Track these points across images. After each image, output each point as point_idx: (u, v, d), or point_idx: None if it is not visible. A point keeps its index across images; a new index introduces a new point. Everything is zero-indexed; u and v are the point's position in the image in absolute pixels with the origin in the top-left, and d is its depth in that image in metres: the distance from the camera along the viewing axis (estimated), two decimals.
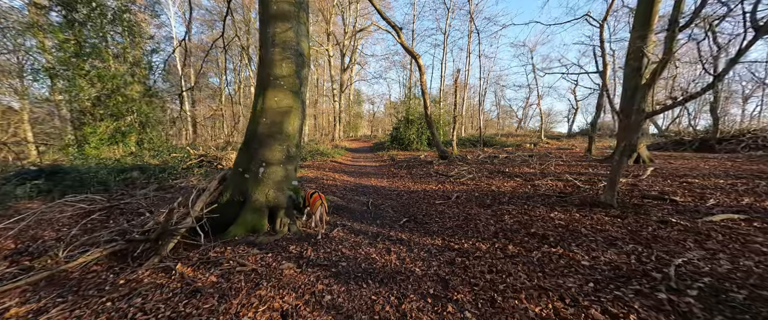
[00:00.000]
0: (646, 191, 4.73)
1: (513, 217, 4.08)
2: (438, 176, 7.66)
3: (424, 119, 17.33)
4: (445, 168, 8.84)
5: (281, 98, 3.71)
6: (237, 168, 3.79)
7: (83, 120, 12.56)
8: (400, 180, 7.64)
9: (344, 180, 7.83)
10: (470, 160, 9.78)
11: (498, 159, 9.69)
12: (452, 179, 7.02)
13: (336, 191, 6.20)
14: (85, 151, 11.81)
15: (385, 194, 6.12)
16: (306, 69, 4.02)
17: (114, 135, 13.14)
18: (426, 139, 17.02)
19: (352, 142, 27.91)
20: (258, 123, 3.71)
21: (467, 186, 6.20)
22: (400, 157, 13.49)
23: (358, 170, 10.16)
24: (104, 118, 12.94)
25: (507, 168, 7.99)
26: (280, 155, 3.73)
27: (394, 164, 11.14)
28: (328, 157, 14.26)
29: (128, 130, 13.37)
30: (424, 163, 10.01)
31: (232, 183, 3.74)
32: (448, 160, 9.77)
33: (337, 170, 9.89)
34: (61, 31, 11.77)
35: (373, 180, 7.86)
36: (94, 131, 12.47)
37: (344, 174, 8.90)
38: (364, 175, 8.85)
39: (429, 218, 4.37)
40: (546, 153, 11.40)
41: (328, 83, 33.91)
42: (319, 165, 11.03)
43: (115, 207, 4.96)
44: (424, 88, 9.79)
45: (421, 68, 9.75)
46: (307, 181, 7.18)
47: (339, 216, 4.45)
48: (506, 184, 6.06)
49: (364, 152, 18.13)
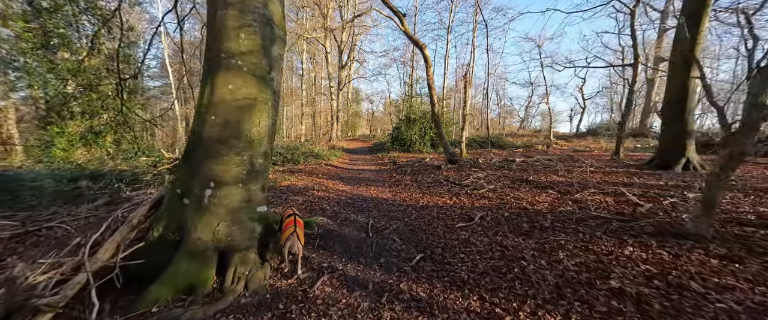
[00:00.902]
0: (740, 215, 3.55)
1: (572, 256, 2.89)
2: (450, 185, 6.46)
3: (427, 118, 16.14)
4: (455, 174, 7.64)
5: (239, 86, 2.50)
6: (174, 189, 2.58)
7: (50, 118, 11.27)
8: (406, 190, 6.44)
9: (339, 190, 6.62)
10: (483, 165, 8.59)
11: (515, 163, 8.51)
12: (468, 190, 5.83)
13: (327, 207, 4.99)
14: (52, 153, 10.53)
15: (389, 210, 4.92)
16: (279, 45, 2.81)
17: (85, 135, 11.84)
18: (429, 140, 15.83)
19: (351, 142, 26.70)
20: (204, 122, 2.50)
21: (490, 201, 5.01)
22: (402, 159, 12.29)
23: (356, 176, 8.95)
24: (74, 117, 11.64)
25: (530, 175, 6.81)
26: (238, 170, 2.53)
27: (397, 168, 9.94)
28: (323, 159, 13.05)
29: (103, 129, 12.12)
30: (430, 168, 8.81)
31: (166, 213, 2.53)
32: (458, 165, 8.58)
33: (331, 176, 8.68)
34: (23, 20, 10.47)
35: (372, 190, 6.65)
36: (62, 131, 11.16)
37: (340, 182, 7.69)
38: (363, 183, 7.65)
39: (451, 253, 3.17)
40: (565, 155, 10.23)
41: (326, 81, 32.68)
42: (312, 170, 9.82)
43: (33, 233, 3.75)
44: (431, 83, 8.58)
45: (427, 60, 8.54)
46: (294, 193, 5.97)
47: (327, 252, 3.24)
48: (539, 199, 4.87)
49: (362, 153, 16.92)
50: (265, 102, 2.68)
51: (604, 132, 24.56)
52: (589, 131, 26.61)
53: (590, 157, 9.99)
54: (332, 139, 25.19)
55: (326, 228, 3.93)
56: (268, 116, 2.75)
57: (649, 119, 21.90)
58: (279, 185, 6.75)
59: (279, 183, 6.89)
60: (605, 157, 9.75)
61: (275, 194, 5.78)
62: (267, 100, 2.71)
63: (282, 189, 6.24)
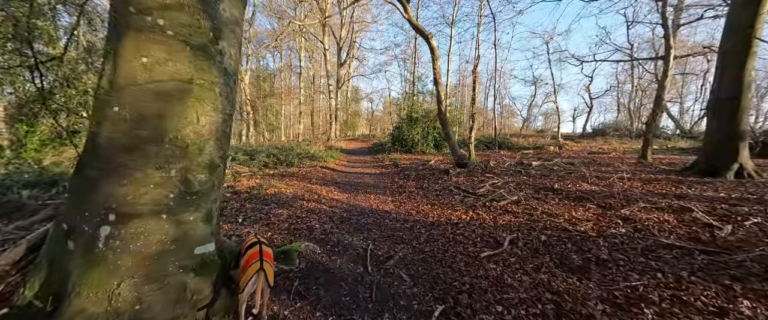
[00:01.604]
0: None
1: (663, 316, 1.96)
2: (462, 194, 5.54)
3: (430, 117, 15.23)
4: (466, 180, 6.72)
5: (160, 59, 1.57)
6: (59, 224, 1.65)
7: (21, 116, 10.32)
8: (411, 200, 5.51)
9: (333, 200, 5.68)
10: (496, 169, 7.67)
11: (532, 167, 7.60)
12: (486, 201, 4.90)
13: (316, 225, 4.06)
14: (23, 155, 9.57)
15: (392, 228, 3.99)
16: (232, 2, 1.88)
17: (60, 134, 10.87)
18: (432, 140, 14.92)
19: (350, 142, 25.78)
20: (103, 118, 1.58)
21: (516, 216, 4.08)
22: (404, 161, 11.36)
23: (354, 181, 8.02)
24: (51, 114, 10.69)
25: (554, 182, 5.89)
26: (159, 192, 1.59)
27: (399, 172, 9.02)
28: (319, 161, 12.13)
29: (81, 128, 11.17)
30: (437, 173, 7.89)
31: (45, 261, 1.60)
32: (467, 169, 7.66)
33: (326, 181, 7.75)
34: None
35: (372, 199, 5.72)
36: (33, 130, 10.19)
37: (335, 189, 6.76)
38: (361, 190, 6.72)
39: (482, 302, 2.25)
40: (584, 158, 9.31)
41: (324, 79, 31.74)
42: (306, 174, 8.89)
43: None
44: (438, 77, 7.65)
45: (433, 51, 7.61)
46: (279, 204, 5.03)
47: (309, 306, 2.29)
48: (577, 214, 3.95)
49: (361, 154, 16.00)
50: (208, 87, 1.75)
51: (612, 132, 23.68)
52: (597, 131, 25.72)
53: (612, 159, 9.07)
54: (331, 139, 24.27)
55: (311, 260, 2.99)
56: (214, 109, 1.81)
57: (659, 119, 20.95)
58: (264, 193, 5.81)
59: (264, 191, 5.96)
60: (629, 159, 8.83)
61: (256, 206, 4.85)
62: (212, 83, 1.77)
63: (266, 199, 5.31)
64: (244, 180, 7.73)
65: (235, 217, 4.12)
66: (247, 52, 26.93)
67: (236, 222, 3.94)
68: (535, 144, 15.31)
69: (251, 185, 6.87)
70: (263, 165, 10.79)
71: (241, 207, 4.67)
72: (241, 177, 8.09)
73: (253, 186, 6.54)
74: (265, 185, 6.48)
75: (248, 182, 7.43)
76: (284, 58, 37.31)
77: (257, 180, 7.66)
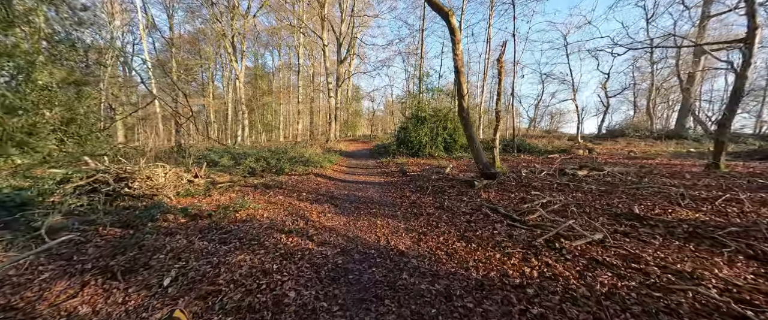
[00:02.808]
0: None
1: None
2: (504, 222, 3.96)
3: (440, 116, 13.65)
4: (500, 196, 5.15)
5: None
6: None
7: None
8: (434, 229, 3.94)
9: (325, 229, 4.10)
10: (533, 180, 6.09)
11: (579, 178, 6.02)
12: (547, 236, 3.32)
13: (290, 293, 2.45)
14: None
15: (418, 297, 2.40)
16: None
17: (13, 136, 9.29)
18: (442, 143, 13.34)
19: (350, 143, 24.22)
20: None
21: (616, 274, 2.51)
22: (412, 167, 9.79)
23: (355, 194, 6.45)
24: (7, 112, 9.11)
25: (628, 202, 4.31)
26: None
27: (409, 181, 7.45)
28: (314, 166, 10.57)
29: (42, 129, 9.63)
30: (456, 184, 6.31)
31: None
32: (497, 180, 6.08)
33: (319, 196, 6.17)
34: None
35: (380, 228, 4.15)
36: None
37: (330, 208, 5.18)
38: (364, 209, 5.16)
39: None
40: (633, 165, 7.71)
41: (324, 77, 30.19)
42: (296, 184, 7.32)
43: None
44: (460, 64, 6.07)
45: (454, 33, 6.03)
46: (243, 243, 3.44)
47: None
48: (722, 271, 2.38)
49: (363, 158, 14.43)
50: None
51: (631, 133, 22.05)
52: (613, 132, 24.06)
53: (666, 166, 7.48)
54: (330, 140, 22.72)
55: None
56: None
57: (687, 119, 19.31)
58: (231, 219, 4.24)
59: (233, 215, 4.39)
60: (690, 167, 7.24)
61: (208, 247, 3.27)
62: None
63: (229, 232, 3.74)
64: (216, 193, 6.18)
65: (161, 274, 2.54)
66: (243, 48, 25.45)
67: (158, 288, 2.37)
68: (557, 146, 13.72)
69: (222, 202, 5.31)
70: (249, 172, 9.23)
71: (183, 250, 3.09)
72: (214, 190, 6.54)
73: (222, 205, 4.98)
74: (238, 204, 4.91)
75: (221, 197, 5.89)
76: (283, 57, 35.81)
77: (233, 195, 6.11)
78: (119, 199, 5.45)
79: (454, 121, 13.77)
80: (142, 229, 3.99)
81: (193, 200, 5.68)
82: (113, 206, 5.14)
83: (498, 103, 7.43)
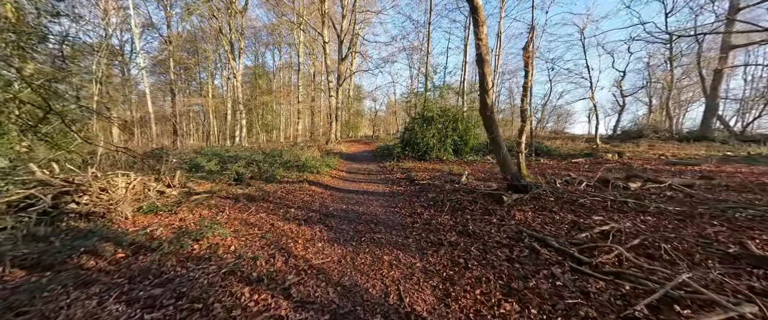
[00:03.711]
0: None
1: None
2: (559, 259, 2.80)
3: (449, 116, 12.48)
4: (539, 217, 3.98)
5: None
6: None
7: None
8: (459, 270, 2.78)
9: (311, 267, 2.94)
10: (574, 194, 4.92)
11: (631, 191, 4.84)
12: (640, 297, 2.16)
13: None
14: None
15: None
16: None
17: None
18: (451, 145, 12.17)
19: (351, 144, 23.10)
20: None
21: None
22: (420, 173, 8.62)
23: (353, 209, 5.29)
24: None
25: (738, 234, 3.14)
26: None
27: (418, 192, 6.30)
28: (310, 171, 9.43)
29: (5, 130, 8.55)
30: (480, 199, 5.15)
31: None
32: (529, 194, 4.90)
33: (310, 212, 5.02)
34: None
35: (386, 265, 3.00)
36: None
37: (322, 231, 4.03)
38: (365, 231, 4.01)
39: None
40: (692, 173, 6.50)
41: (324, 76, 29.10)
42: (284, 197, 6.19)
43: None
44: (484, 51, 4.89)
45: (477, 11, 4.86)
46: (172, 311, 2.31)
47: None
48: None
49: (364, 161, 13.29)
50: None
51: (650, 134, 20.72)
52: (629, 133, 22.71)
53: (729, 175, 6.28)
54: (330, 141, 21.61)
55: None
56: None
57: (713, 120, 17.96)
58: (182, 257, 3.09)
59: (186, 250, 3.23)
60: (757, 174, 6.03)
61: (133, 308, 2.14)
62: None
63: (167, 282, 2.59)
64: (185, 210, 5.05)
65: None
66: (241, 45, 24.43)
67: None
68: (577, 149, 12.51)
69: (186, 223, 4.19)
70: (235, 178, 8.10)
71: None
72: (186, 204, 5.41)
73: (184, 229, 3.85)
74: (203, 229, 3.76)
75: (190, 215, 4.76)
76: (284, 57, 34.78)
77: (205, 211, 4.98)
78: (64, 219, 4.36)
79: (465, 121, 12.60)
80: (59, 269, 2.89)
81: (154, 219, 4.55)
82: (52, 229, 4.03)
83: (524, 100, 6.26)
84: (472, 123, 12.53)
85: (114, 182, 5.38)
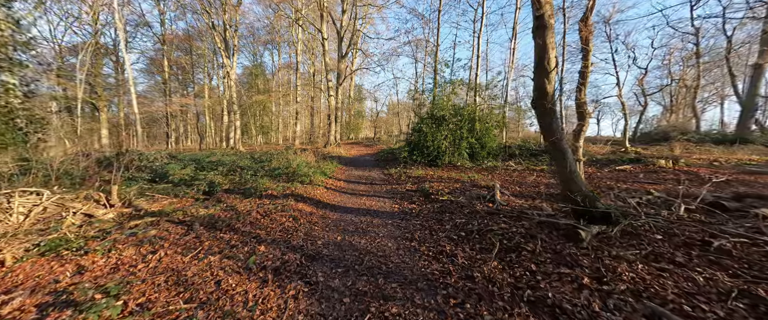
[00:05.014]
0: None
1: None
2: None
3: (465, 115, 10.81)
4: (651, 270, 2.34)
5: None
6: None
7: None
8: None
9: None
10: (681, 226, 3.28)
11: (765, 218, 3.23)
12: None
13: None
14: None
15: None
16: None
17: None
18: (466, 148, 10.52)
19: (351, 147, 21.49)
20: None
21: None
22: (436, 184, 6.95)
23: (351, 243, 3.63)
24: None
25: None
26: None
27: (439, 214, 4.66)
28: (302, 180, 7.76)
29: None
30: (529, 227, 3.52)
31: None
32: (618, 228, 3.23)
33: (287, 251, 3.35)
34: None
35: None
36: None
37: (294, 297, 2.38)
38: (371, 292, 2.37)
39: None
40: None
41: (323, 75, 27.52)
42: (258, 221, 4.52)
43: None
44: (548, 12, 3.27)
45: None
46: None
47: None
48: None
49: (366, 166, 11.64)
50: None
51: (678, 136, 18.97)
52: (652, 135, 20.93)
53: None
54: (330, 143, 20.00)
55: None
56: None
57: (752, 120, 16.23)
58: None
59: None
60: None
61: None
62: None
63: None
64: (101, 247, 3.40)
65: None
66: (235, 42, 22.90)
67: None
68: (604, 153, 10.82)
69: (78, 283, 2.56)
70: (205, 191, 6.46)
71: None
72: (112, 236, 3.77)
73: (64, 298, 2.20)
74: (93, 302, 2.13)
75: (100, 260, 3.14)
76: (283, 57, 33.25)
77: (128, 252, 3.33)
78: None
79: (483, 122, 10.95)
80: None
81: (43, 267, 2.92)
82: None
83: (582, 90, 4.62)
84: (491, 123, 10.89)
85: (7, 206, 3.75)
